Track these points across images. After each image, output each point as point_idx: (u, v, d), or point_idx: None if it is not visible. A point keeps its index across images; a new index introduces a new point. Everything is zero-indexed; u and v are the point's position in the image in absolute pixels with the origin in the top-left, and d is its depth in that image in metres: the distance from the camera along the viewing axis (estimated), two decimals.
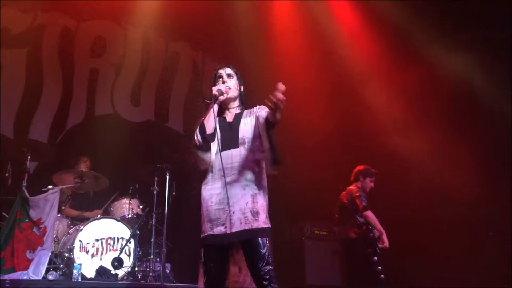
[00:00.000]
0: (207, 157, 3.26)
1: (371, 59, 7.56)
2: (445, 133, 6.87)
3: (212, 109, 3.26)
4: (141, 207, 5.98)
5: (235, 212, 3.14)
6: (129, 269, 5.40)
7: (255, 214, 3.15)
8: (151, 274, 5.52)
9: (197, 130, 3.27)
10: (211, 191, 3.22)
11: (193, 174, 7.74)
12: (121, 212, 5.89)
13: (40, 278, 4.76)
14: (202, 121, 3.29)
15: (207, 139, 3.24)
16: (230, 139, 3.30)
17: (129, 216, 5.84)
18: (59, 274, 5.04)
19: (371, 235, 5.73)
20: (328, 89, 7.58)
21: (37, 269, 4.82)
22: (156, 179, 5.86)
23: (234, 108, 3.48)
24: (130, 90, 7.67)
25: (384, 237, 5.67)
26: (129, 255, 5.50)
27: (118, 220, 5.62)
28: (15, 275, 4.72)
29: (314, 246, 6.98)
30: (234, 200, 3.16)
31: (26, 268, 4.82)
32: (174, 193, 5.74)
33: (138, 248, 5.59)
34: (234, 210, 3.15)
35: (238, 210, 3.14)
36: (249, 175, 3.22)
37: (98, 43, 7.47)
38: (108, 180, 5.99)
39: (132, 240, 5.51)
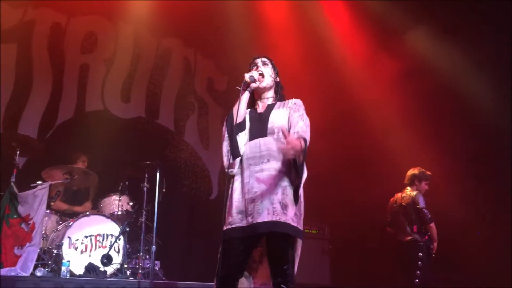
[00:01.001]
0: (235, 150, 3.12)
1: (363, 59, 7.59)
2: (436, 132, 6.94)
3: (242, 97, 3.16)
4: (131, 204, 5.95)
5: (263, 202, 2.98)
6: (118, 266, 5.37)
7: (284, 207, 2.99)
8: (140, 271, 5.49)
9: (225, 120, 3.18)
10: (239, 182, 3.09)
11: (183, 171, 7.81)
12: (111, 209, 5.86)
13: (28, 274, 4.73)
14: (231, 111, 3.17)
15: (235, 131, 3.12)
16: (259, 128, 3.15)
17: (119, 212, 5.82)
18: (47, 270, 4.99)
19: (425, 242, 5.69)
20: (320, 88, 7.60)
21: (25, 266, 4.79)
22: (146, 175, 5.81)
23: (267, 99, 3.32)
24: (121, 87, 7.62)
25: (435, 245, 5.69)
26: (118, 252, 5.47)
27: (107, 217, 5.59)
28: (3, 271, 4.69)
29: (303, 244, 6.99)
30: (264, 190, 2.99)
31: (14, 264, 4.78)
32: (164, 190, 5.71)
33: (127, 245, 5.57)
34: (263, 200, 2.99)
35: (267, 201, 2.98)
36: (278, 165, 3.06)
37: (88, 39, 7.41)
38: (97, 176, 5.96)
39: (121, 237, 5.48)
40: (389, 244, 7.02)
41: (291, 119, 3.18)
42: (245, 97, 3.19)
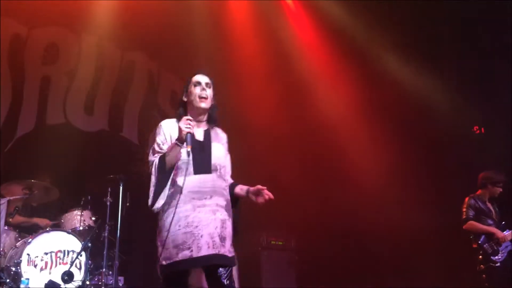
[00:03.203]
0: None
1: (324, 63, 7.71)
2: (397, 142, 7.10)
3: (174, 151, 3.13)
4: (93, 218, 5.83)
5: (203, 236, 3.06)
6: (80, 283, 5.25)
7: (223, 239, 3.11)
8: (103, 287, 5.38)
9: (157, 163, 3.14)
10: (179, 214, 3.09)
11: (148, 185, 7.70)
12: (72, 224, 5.72)
13: None
14: (164, 157, 3.14)
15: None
16: (203, 163, 3.19)
17: (81, 228, 5.69)
18: None
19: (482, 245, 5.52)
20: (284, 95, 7.68)
21: None
22: (109, 190, 5.73)
23: (202, 122, 3.36)
24: (84, 99, 7.48)
25: (498, 233, 5.47)
26: (80, 269, 5.36)
27: (68, 233, 5.48)
28: None
29: (270, 256, 7.01)
30: (204, 224, 3.08)
31: None
32: (128, 204, 5.64)
33: (89, 261, 5.45)
34: (203, 233, 3.07)
35: (207, 234, 3.07)
36: (220, 201, 3.19)
37: (50, 50, 7.26)
38: (58, 191, 5.83)
39: (83, 253, 5.36)
40: (355, 253, 7.16)
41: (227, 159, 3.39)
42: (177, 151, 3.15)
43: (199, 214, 3.10)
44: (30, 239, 5.22)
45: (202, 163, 3.19)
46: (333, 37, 7.58)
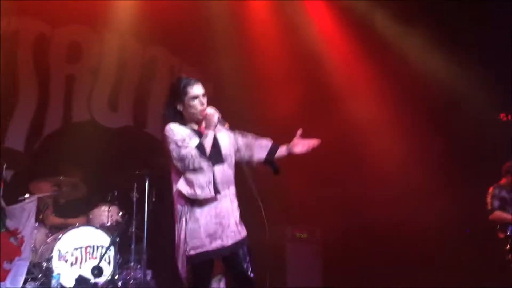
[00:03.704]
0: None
1: (347, 60, 7.64)
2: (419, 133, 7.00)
3: (211, 133, 3.28)
4: (120, 214, 5.90)
5: (230, 225, 3.24)
6: (109, 277, 5.34)
7: (241, 224, 3.34)
8: (132, 281, 5.47)
9: (196, 152, 3.19)
10: (208, 206, 3.21)
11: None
12: (100, 220, 5.82)
13: None
14: (203, 144, 3.23)
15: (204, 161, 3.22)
16: (215, 155, 3.29)
17: (109, 223, 5.77)
18: (37, 284, 4.96)
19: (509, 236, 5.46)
20: (306, 90, 7.63)
21: (15, 280, 4.76)
22: (135, 185, 5.81)
23: (199, 124, 3.42)
24: (108, 96, 7.58)
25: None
26: (109, 263, 5.44)
27: (97, 228, 5.56)
28: None
29: (295, 249, 7.01)
30: (229, 213, 3.25)
31: (4, 279, 4.76)
32: (153, 199, 5.70)
33: (118, 256, 5.53)
34: (229, 223, 3.24)
35: (233, 224, 3.26)
36: (232, 189, 3.35)
37: (73, 48, 7.37)
38: (86, 188, 5.92)
39: (112, 247, 5.45)
40: (380, 245, 7.11)
41: (237, 140, 3.47)
42: (212, 135, 3.30)
43: (224, 205, 3.25)
44: (61, 235, 5.33)
45: (215, 156, 3.28)
46: (357, 31, 7.49)
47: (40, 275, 5.17)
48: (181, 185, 3.24)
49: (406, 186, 6.97)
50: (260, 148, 3.49)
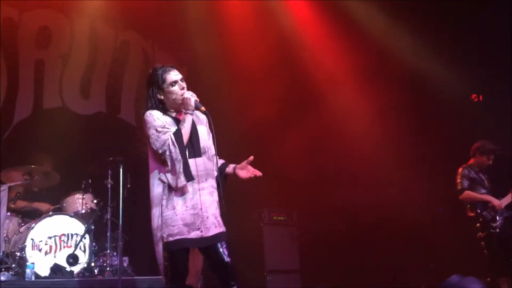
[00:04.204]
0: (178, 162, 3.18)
1: (330, 55, 7.61)
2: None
3: (189, 119, 3.24)
4: (95, 201, 5.86)
5: (208, 217, 3.24)
6: (85, 265, 5.30)
7: (220, 218, 3.33)
8: (108, 268, 5.44)
9: (172, 138, 3.16)
10: (185, 196, 3.21)
11: (147, 166, 7.71)
12: (74, 208, 5.76)
13: None
14: (180, 130, 3.21)
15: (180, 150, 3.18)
16: (193, 147, 3.29)
17: (83, 211, 5.73)
18: (11, 274, 4.90)
19: (481, 213, 5.55)
20: (282, 78, 7.60)
21: None
22: (109, 172, 5.75)
23: (179, 112, 3.38)
24: (79, 82, 7.42)
25: (493, 201, 5.51)
26: (84, 251, 5.41)
27: (71, 216, 5.51)
28: None
29: (272, 231, 7.06)
30: (207, 206, 3.25)
31: None
32: (128, 186, 5.65)
33: (93, 243, 5.50)
34: (208, 215, 3.24)
35: (211, 215, 3.26)
36: (213, 183, 3.34)
37: (42, 33, 7.17)
38: (59, 176, 5.84)
39: (87, 235, 5.40)
40: (356, 227, 7.21)
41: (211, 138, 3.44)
42: (191, 119, 3.28)
43: (201, 197, 3.24)
44: (33, 224, 5.25)
45: (193, 148, 3.28)
46: (334, 19, 7.47)
47: (14, 264, 5.10)
48: (158, 171, 3.25)
49: (380, 167, 7.05)
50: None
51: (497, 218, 5.51)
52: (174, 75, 3.35)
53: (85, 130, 7.03)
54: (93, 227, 5.51)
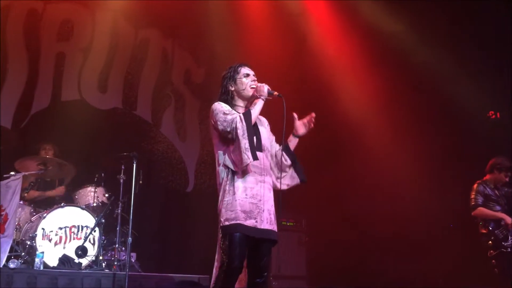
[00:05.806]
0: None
1: (343, 57, 7.61)
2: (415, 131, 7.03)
3: (261, 103, 3.43)
4: (106, 195, 5.89)
5: (264, 211, 3.29)
6: (93, 258, 5.33)
7: (275, 217, 3.38)
8: (116, 263, 5.46)
9: (241, 116, 3.29)
10: (246, 184, 3.29)
11: (160, 163, 7.76)
12: (86, 200, 5.80)
13: (1, 266, 4.66)
14: (250, 110, 3.36)
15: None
16: (257, 142, 3.40)
17: (94, 204, 5.75)
18: (20, 262, 4.93)
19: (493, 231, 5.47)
20: (299, 81, 7.61)
21: None
22: (122, 167, 5.78)
23: (246, 108, 3.53)
24: (98, 76, 7.48)
25: (507, 219, 5.41)
26: (93, 244, 5.43)
27: (82, 208, 5.53)
28: None
29: (281, 237, 7.02)
30: (265, 199, 3.31)
31: None
32: (141, 182, 5.67)
33: (103, 237, 5.52)
34: (264, 208, 3.30)
35: (267, 210, 3.31)
36: (271, 180, 3.45)
37: (65, 26, 7.26)
38: (73, 168, 5.88)
39: (96, 228, 5.43)
40: (365, 235, 7.17)
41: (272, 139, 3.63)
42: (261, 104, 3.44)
43: (261, 189, 3.32)
44: (45, 214, 5.29)
45: (256, 142, 3.39)
46: (353, 27, 7.46)
47: (24, 253, 5.15)
48: (224, 154, 3.35)
49: (393, 178, 7.00)
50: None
51: (510, 237, 5.43)
52: (247, 69, 3.58)
53: (101, 124, 7.09)
54: (103, 220, 5.53)
